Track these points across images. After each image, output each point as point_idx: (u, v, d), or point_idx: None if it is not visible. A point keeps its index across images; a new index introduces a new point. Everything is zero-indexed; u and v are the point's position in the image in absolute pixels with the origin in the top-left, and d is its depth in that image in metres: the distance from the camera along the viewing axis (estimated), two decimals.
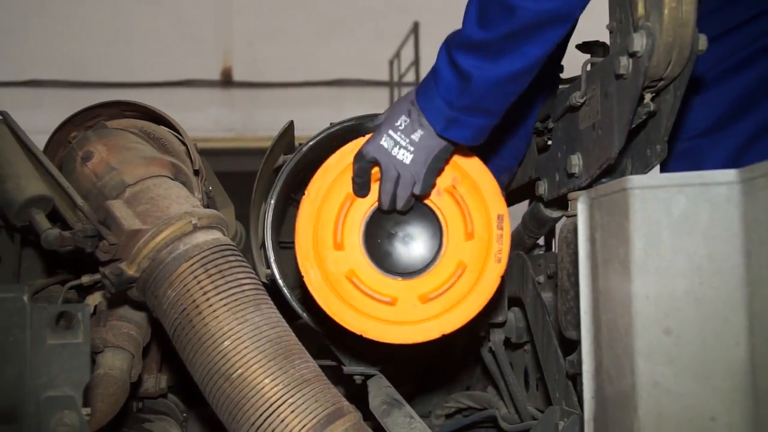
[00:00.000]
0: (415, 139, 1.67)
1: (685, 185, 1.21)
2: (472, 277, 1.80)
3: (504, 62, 1.54)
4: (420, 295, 1.79)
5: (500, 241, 1.78)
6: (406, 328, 1.78)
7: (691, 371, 1.19)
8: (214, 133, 8.47)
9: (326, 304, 1.75)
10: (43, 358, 1.40)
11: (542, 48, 1.53)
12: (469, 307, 1.78)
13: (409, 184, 1.71)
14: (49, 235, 1.64)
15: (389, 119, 1.71)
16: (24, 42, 8.50)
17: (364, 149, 1.73)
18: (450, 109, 1.61)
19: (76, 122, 2.02)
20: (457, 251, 1.81)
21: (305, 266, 1.76)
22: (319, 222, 1.79)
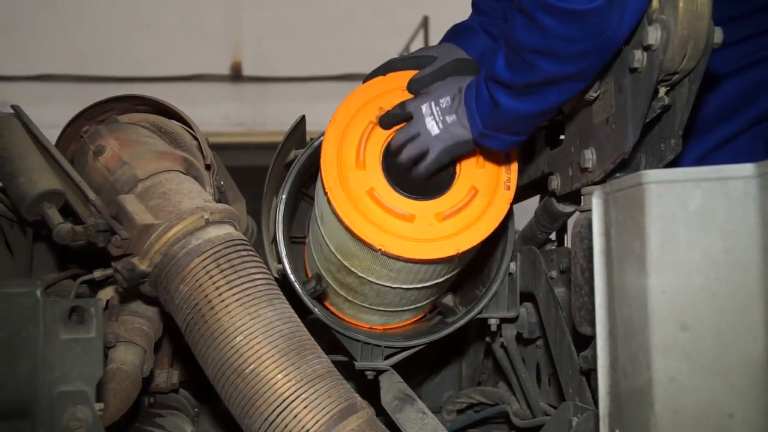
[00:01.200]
0: (447, 121, 1.81)
1: (702, 180, 1.20)
2: (483, 201, 1.91)
3: (528, 102, 1.66)
4: (436, 213, 1.89)
5: (509, 171, 1.92)
6: (423, 244, 1.87)
7: (708, 367, 1.18)
8: (223, 127, 8.47)
9: (348, 218, 1.86)
10: (56, 352, 1.40)
11: (563, 96, 1.65)
12: (482, 228, 1.89)
13: (420, 148, 1.83)
14: (61, 229, 1.64)
15: (438, 91, 1.84)
16: (34, 36, 8.51)
17: (409, 104, 1.87)
18: (483, 126, 1.75)
19: (87, 116, 2.02)
20: (469, 177, 1.92)
21: (329, 183, 1.87)
22: (343, 144, 1.91)
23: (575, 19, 1.49)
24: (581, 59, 1.55)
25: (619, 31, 1.52)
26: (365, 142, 1.91)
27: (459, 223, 1.89)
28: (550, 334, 2.01)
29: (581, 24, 1.49)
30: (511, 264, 2.13)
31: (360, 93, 1.96)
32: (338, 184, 1.87)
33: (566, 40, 1.52)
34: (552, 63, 1.57)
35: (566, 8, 1.48)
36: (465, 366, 2.61)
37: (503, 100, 1.67)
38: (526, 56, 1.58)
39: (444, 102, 1.81)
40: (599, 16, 1.48)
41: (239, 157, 7.13)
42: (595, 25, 1.49)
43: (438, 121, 1.81)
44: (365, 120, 1.92)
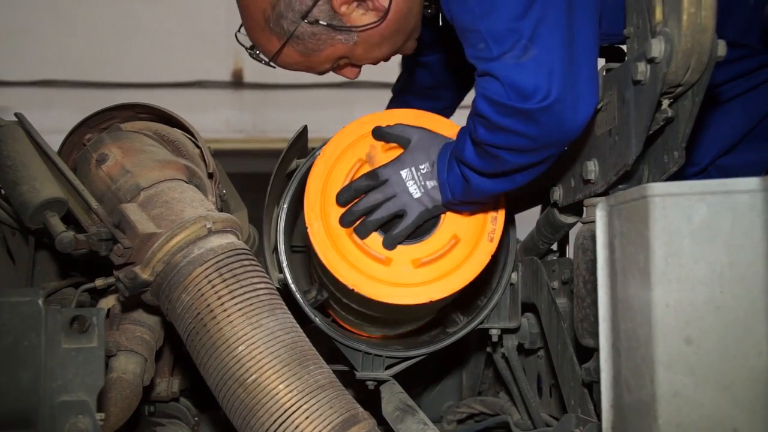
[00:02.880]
0: (428, 187, 1.84)
1: (707, 193, 1.20)
2: (464, 250, 1.90)
3: (499, 182, 1.72)
4: (413, 259, 1.89)
5: (494, 222, 1.91)
6: (397, 289, 1.87)
7: (713, 381, 1.18)
8: (224, 134, 8.46)
9: (324, 255, 1.87)
10: (57, 362, 1.39)
11: (530, 176, 1.70)
12: (458, 279, 1.89)
13: (398, 207, 1.85)
14: (63, 238, 1.64)
15: (417, 157, 1.86)
16: (36, 42, 8.51)
17: (382, 172, 1.86)
18: (453, 198, 1.81)
19: (90, 124, 2.01)
20: (452, 225, 1.91)
21: (310, 218, 1.89)
22: (329, 180, 1.91)
23: (529, 117, 1.53)
24: (543, 150, 1.61)
25: (576, 122, 1.56)
26: (351, 179, 1.90)
27: (435, 271, 1.89)
28: (551, 346, 2.01)
29: (535, 121, 1.53)
30: (512, 274, 2.13)
31: (352, 128, 1.96)
32: (319, 220, 1.88)
33: (525, 137, 1.56)
34: (515, 155, 1.62)
35: (519, 108, 1.52)
36: (466, 376, 2.60)
37: (474, 180, 1.72)
38: (490, 150, 1.63)
39: (424, 168, 1.84)
40: (551, 113, 1.52)
41: (239, 164, 7.13)
42: (548, 121, 1.53)
43: (420, 185, 1.83)
44: (354, 157, 1.92)
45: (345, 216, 1.87)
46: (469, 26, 1.57)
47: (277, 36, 1.83)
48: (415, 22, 1.90)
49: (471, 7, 1.54)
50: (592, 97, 1.57)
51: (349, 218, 1.87)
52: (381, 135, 1.92)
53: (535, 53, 1.50)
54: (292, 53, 1.87)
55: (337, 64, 1.93)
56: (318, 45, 1.84)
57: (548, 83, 1.50)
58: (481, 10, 1.53)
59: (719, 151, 2.07)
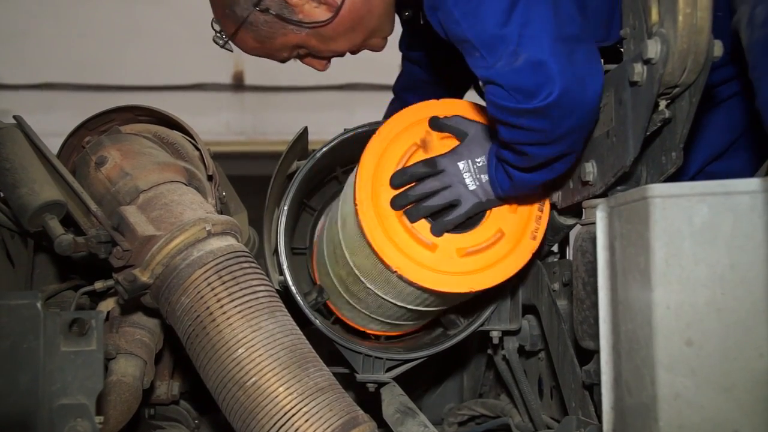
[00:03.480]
0: (483, 180, 1.86)
1: (708, 194, 1.20)
2: (507, 245, 1.90)
3: (540, 174, 1.74)
4: (458, 248, 1.88)
5: (538, 221, 1.92)
6: (439, 276, 1.87)
7: (714, 383, 1.18)
8: (225, 136, 8.45)
9: (372, 234, 1.85)
10: (56, 365, 1.39)
11: (568, 163, 1.73)
12: (499, 272, 1.89)
13: (452, 197, 1.85)
14: (62, 240, 1.63)
15: (473, 150, 1.88)
16: (36, 45, 8.51)
17: (440, 161, 1.87)
18: (502, 193, 1.83)
19: (89, 127, 2.01)
20: (498, 219, 1.91)
21: (361, 196, 1.87)
22: (383, 160, 1.90)
23: (539, 114, 1.55)
24: (566, 138, 1.62)
25: (589, 102, 1.58)
26: (405, 162, 1.90)
27: (478, 262, 1.88)
28: (552, 348, 2.00)
29: (547, 116, 1.55)
30: None
31: (411, 111, 1.95)
32: (369, 199, 1.87)
33: (541, 132, 1.58)
34: (541, 149, 1.64)
35: (526, 108, 1.54)
36: (466, 378, 2.60)
37: (516, 175, 1.75)
38: (518, 148, 1.66)
39: (480, 161, 1.86)
40: (560, 105, 1.54)
41: (240, 166, 7.12)
42: (560, 113, 1.55)
43: (475, 178, 1.85)
44: (410, 140, 1.92)
45: (398, 198, 1.87)
46: (461, 37, 1.59)
47: (233, 21, 1.86)
48: (377, 23, 1.92)
49: (457, 19, 1.56)
50: (597, 73, 1.58)
51: (403, 201, 1.86)
52: (438, 126, 1.92)
53: (526, 55, 1.51)
54: (248, 38, 1.90)
55: (297, 54, 1.96)
56: (271, 33, 1.87)
57: (548, 79, 1.51)
58: (467, 21, 1.55)
59: (706, 158, 2.07)
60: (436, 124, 1.92)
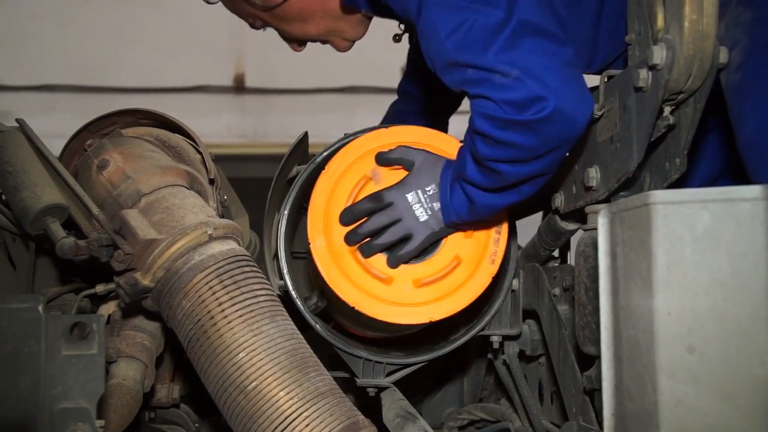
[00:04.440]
0: (435, 209, 1.83)
1: (710, 201, 1.20)
2: (465, 272, 1.90)
3: (504, 196, 1.72)
4: (414, 279, 1.88)
5: (497, 244, 1.91)
6: (397, 308, 1.88)
7: (715, 390, 1.17)
8: (226, 139, 8.46)
9: (326, 272, 1.87)
10: (57, 369, 1.39)
11: (536, 186, 1.70)
12: (459, 300, 1.89)
13: (403, 232, 1.84)
14: (64, 244, 1.63)
15: (422, 179, 1.85)
16: (38, 47, 8.52)
17: (386, 195, 1.86)
18: (458, 219, 1.81)
19: (91, 130, 2.01)
20: (454, 246, 1.90)
21: (313, 234, 1.89)
22: (333, 196, 1.91)
23: (528, 128, 1.52)
24: (546, 157, 1.60)
25: (578, 123, 1.56)
26: (355, 196, 1.90)
27: (436, 292, 1.89)
28: (553, 353, 2.00)
29: (535, 131, 1.53)
30: (513, 281, 2.12)
31: (357, 144, 1.95)
32: (322, 236, 1.88)
33: (527, 148, 1.56)
34: (518, 167, 1.61)
35: (517, 119, 1.52)
36: (467, 382, 2.59)
37: (479, 198, 1.72)
38: (492, 165, 1.63)
39: (430, 189, 1.83)
40: (551, 121, 1.52)
41: (241, 169, 7.13)
42: (549, 129, 1.53)
43: (426, 208, 1.83)
44: (359, 173, 1.92)
45: (349, 236, 1.87)
46: (449, 60, 1.57)
47: None
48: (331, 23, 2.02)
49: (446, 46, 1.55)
50: (589, 99, 1.57)
51: (354, 238, 1.87)
52: (384, 160, 1.91)
53: (517, 73, 1.50)
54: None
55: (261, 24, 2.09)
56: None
57: (542, 93, 1.50)
58: (454, 45, 1.54)
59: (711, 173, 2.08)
60: (381, 159, 1.91)
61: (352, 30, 2.08)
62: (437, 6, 1.56)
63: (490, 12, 1.51)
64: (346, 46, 2.14)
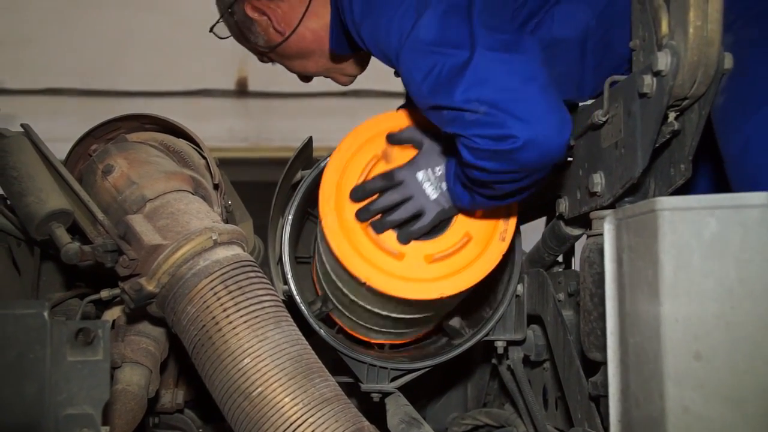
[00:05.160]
0: (443, 188, 1.84)
1: (716, 207, 1.20)
2: (476, 248, 1.89)
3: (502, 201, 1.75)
4: (426, 255, 1.88)
5: (506, 222, 1.90)
6: (409, 284, 1.86)
7: (722, 397, 1.17)
8: (228, 142, 8.46)
9: (338, 247, 1.86)
10: (62, 375, 1.38)
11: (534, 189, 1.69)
12: (469, 276, 1.88)
13: (415, 209, 1.85)
14: (69, 249, 1.63)
15: (431, 159, 1.86)
16: (40, 51, 8.53)
17: (398, 174, 1.86)
18: (462, 205, 1.82)
19: (96, 135, 2.01)
20: (465, 223, 1.90)
21: (325, 211, 1.88)
22: (345, 174, 1.91)
23: (506, 158, 1.53)
24: (531, 176, 1.60)
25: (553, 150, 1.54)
26: (367, 175, 1.90)
27: (447, 268, 1.88)
28: (558, 358, 2.00)
29: (514, 160, 1.53)
30: (518, 286, 2.12)
31: (369, 125, 1.96)
32: (333, 213, 1.88)
33: (509, 173, 1.58)
34: (506, 185, 1.63)
35: (496, 149, 1.52)
36: (471, 387, 2.59)
37: (478, 198, 1.75)
38: (480, 184, 1.67)
39: (439, 170, 1.85)
40: (526, 150, 1.51)
41: (243, 173, 7.13)
42: (526, 157, 1.53)
43: (436, 186, 1.84)
44: (370, 153, 1.92)
45: (361, 212, 1.88)
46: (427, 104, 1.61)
47: (219, 10, 2.12)
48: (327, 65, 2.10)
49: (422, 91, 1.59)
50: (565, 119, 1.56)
51: (366, 215, 1.87)
52: (394, 140, 1.93)
53: (485, 109, 1.51)
54: (229, 29, 2.13)
55: (267, 58, 2.15)
56: (239, 35, 2.11)
57: (511, 126, 1.50)
58: (428, 89, 1.57)
59: None
60: (392, 139, 1.93)
61: (350, 68, 2.14)
62: (412, 53, 1.59)
63: (456, 53, 1.53)
64: (347, 81, 2.21)
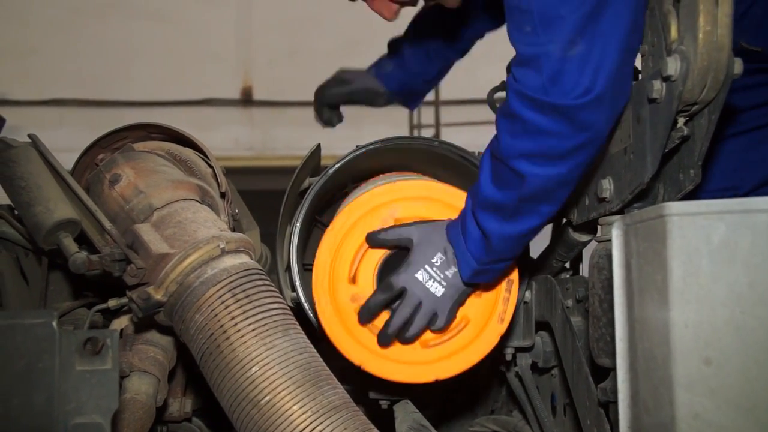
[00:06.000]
0: (449, 276, 1.78)
1: (725, 212, 1.19)
2: (473, 331, 1.88)
3: (521, 221, 1.64)
4: (422, 340, 1.87)
5: (506, 303, 1.88)
6: (402, 367, 1.86)
7: (733, 403, 1.16)
8: (234, 152, 8.49)
9: (331, 332, 1.86)
10: (71, 384, 1.38)
11: (556, 205, 1.63)
12: (465, 359, 1.88)
13: (429, 314, 1.81)
14: (76, 258, 1.64)
15: (426, 252, 1.79)
16: (45, 61, 8.57)
17: (395, 280, 1.80)
18: (479, 264, 1.73)
19: (102, 144, 2.01)
20: (463, 306, 1.87)
21: (318, 294, 1.87)
22: (338, 255, 1.88)
23: (564, 115, 1.48)
24: (572, 156, 1.54)
25: (606, 127, 1.53)
26: (361, 257, 1.88)
27: (442, 351, 1.87)
28: (566, 364, 1.99)
29: (570, 119, 1.48)
30: (526, 293, 2.12)
31: (363, 201, 1.91)
32: (327, 296, 1.87)
33: (556, 136, 1.51)
34: (542, 165, 1.55)
35: (555, 104, 1.47)
36: (479, 394, 2.58)
37: (494, 228, 1.65)
38: (515, 164, 1.56)
39: (437, 260, 1.79)
40: (588, 111, 1.47)
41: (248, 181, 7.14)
42: (584, 120, 1.48)
43: (440, 281, 1.79)
44: (364, 231, 1.88)
45: (381, 338, 1.83)
46: (521, 4, 1.48)
47: None
48: None
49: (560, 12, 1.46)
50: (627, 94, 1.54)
51: (387, 340, 1.83)
52: (379, 243, 1.86)
53: (582, 49, 1.44)
54: None
55: None
56: None
57: (592, 81, 1.45)
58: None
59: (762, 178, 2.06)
60: (374, 242, 1.86)
61: None
62: None
63: None
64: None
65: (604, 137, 1.55)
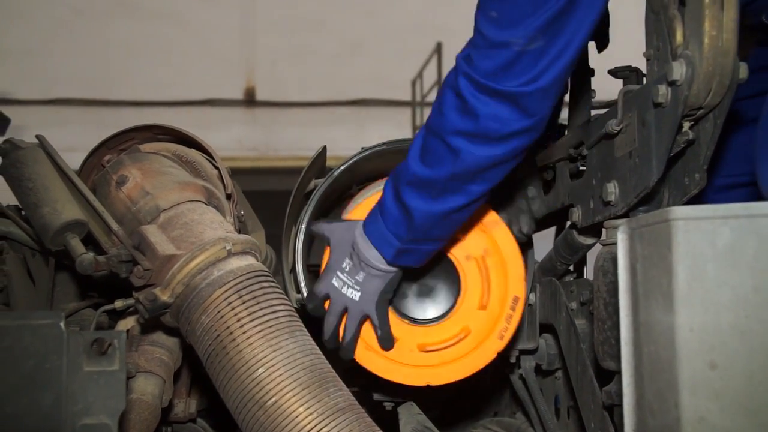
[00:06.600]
0: (359, 280, 1.79)
1: (730, 217, 1.19)
2: (471, 343, 1.90)
3: (448, 200, 1.61)
4: (419, 343, 1.89)
5: (509, 320, 1.89)
6: (396, 366, 1.88)
7: (738, 406, 1.17)
8: (236, 152, 8.50)
9: None
10: (79, 385, 1.39)
11: (487, 185, 1.61)
12: (460, 369, 1.89)
13: (358, 317, 1.83)
14: (84, 260, 1.64)
15: (337, 259, 1.82)
16: (50, 61, 8.58)
17: (316, 289, 1.85)
18: (400, 243, 1.70)
19: (109, 145, 2.02)
20: (466, 316, 1.91)
21: None
22: None
23: (509, 99, 1.47)
24: (512, 140, 1.52)
25: (548, 115, 1.52)
26: None
27: (439, 358, 1.89)
28: (570, 367, 2.00)
29: (515, 105, 1.47)
30: (530, 295, 2.12)
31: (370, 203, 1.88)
32: None
33: (498, 120, 1.49)
34: (480, 145, 1.53)
35: (501, 90, 1.46)
36: (483, 397, 2.59)
37: (418, 204, 1.63)
38: (452, 140, 1.54)
39: (347, 265, 1.80)
40: (533, 99, 1.47)
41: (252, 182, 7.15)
42: (528, 106, 1.48)
43: (352, 285, 1.80)
44: None
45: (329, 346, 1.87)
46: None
47: None
48: None
49: None
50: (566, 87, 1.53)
51: (334, 346, 1.87)
52: (311, 233, 1.93)
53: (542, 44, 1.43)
54: None
55: None
56: None
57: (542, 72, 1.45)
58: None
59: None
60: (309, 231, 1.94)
61: None
62: None
63: None
64: None
65: (545, 124, 1.54)
